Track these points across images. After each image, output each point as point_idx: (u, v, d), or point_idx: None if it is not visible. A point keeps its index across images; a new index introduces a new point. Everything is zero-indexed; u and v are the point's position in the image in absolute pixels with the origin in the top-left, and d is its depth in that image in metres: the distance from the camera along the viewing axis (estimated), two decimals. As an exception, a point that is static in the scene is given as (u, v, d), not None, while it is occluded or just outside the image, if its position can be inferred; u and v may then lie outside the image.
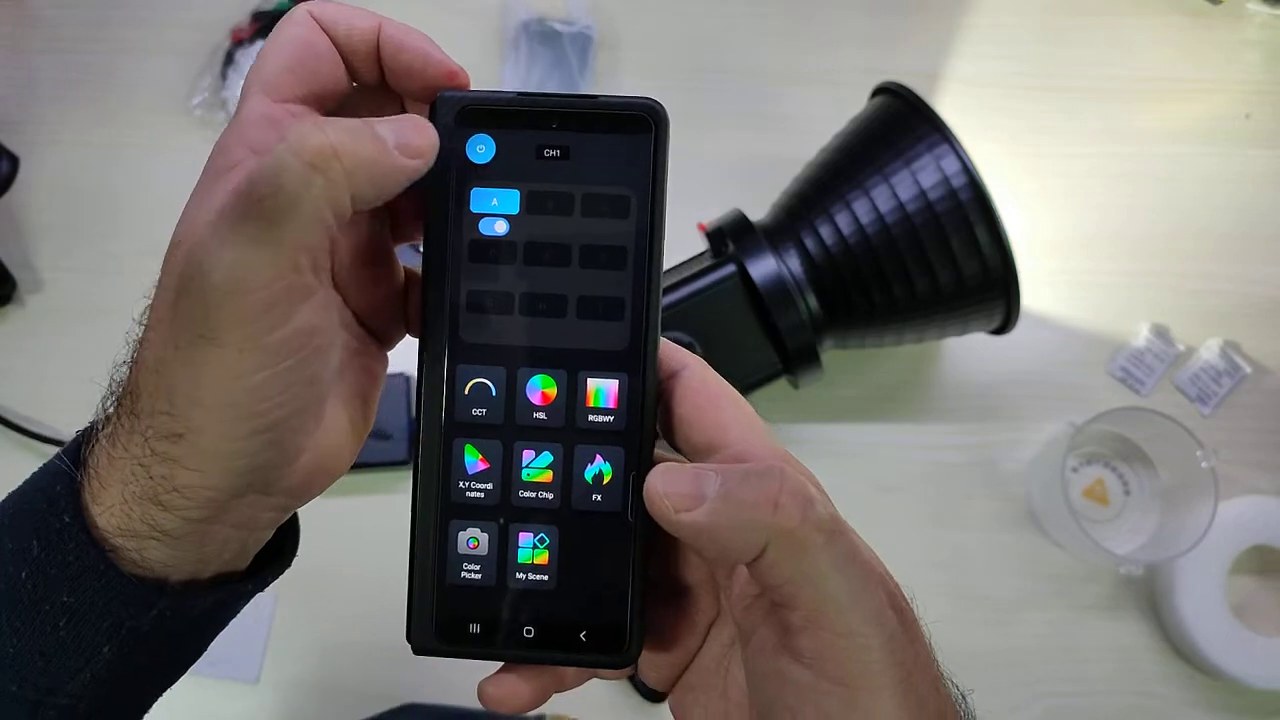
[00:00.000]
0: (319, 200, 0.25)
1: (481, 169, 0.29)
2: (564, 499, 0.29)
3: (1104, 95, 0.79)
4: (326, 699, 0.67)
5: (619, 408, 0.29)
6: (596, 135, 0.29)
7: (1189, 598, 0.67)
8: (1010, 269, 0.59)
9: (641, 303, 0.29)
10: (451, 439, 0.29)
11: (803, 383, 0.64)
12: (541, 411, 0.29)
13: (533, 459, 0.29)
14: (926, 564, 0.70)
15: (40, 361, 0.72)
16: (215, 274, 0.25)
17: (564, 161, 0.29)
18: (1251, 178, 0.78)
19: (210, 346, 0.25)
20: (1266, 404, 0.73)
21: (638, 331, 0.29)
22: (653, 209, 0.29)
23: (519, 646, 0.30)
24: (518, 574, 0.29)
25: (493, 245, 0.29)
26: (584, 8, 0.77)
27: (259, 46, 0.74)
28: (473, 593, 0.30)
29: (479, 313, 0.29)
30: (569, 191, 0.29)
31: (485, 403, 0.29)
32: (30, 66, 0.78)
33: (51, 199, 0.75)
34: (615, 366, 0.29)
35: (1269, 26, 0.82)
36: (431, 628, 0.30)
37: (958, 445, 0.72)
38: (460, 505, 0.30)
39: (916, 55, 0.80)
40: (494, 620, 0.30)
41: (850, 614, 0.25)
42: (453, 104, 0.28)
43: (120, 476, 0.28)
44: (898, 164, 0.59)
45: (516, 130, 0.29)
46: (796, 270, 0.61)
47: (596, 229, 0.29)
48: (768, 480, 0.25)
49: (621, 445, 0.29)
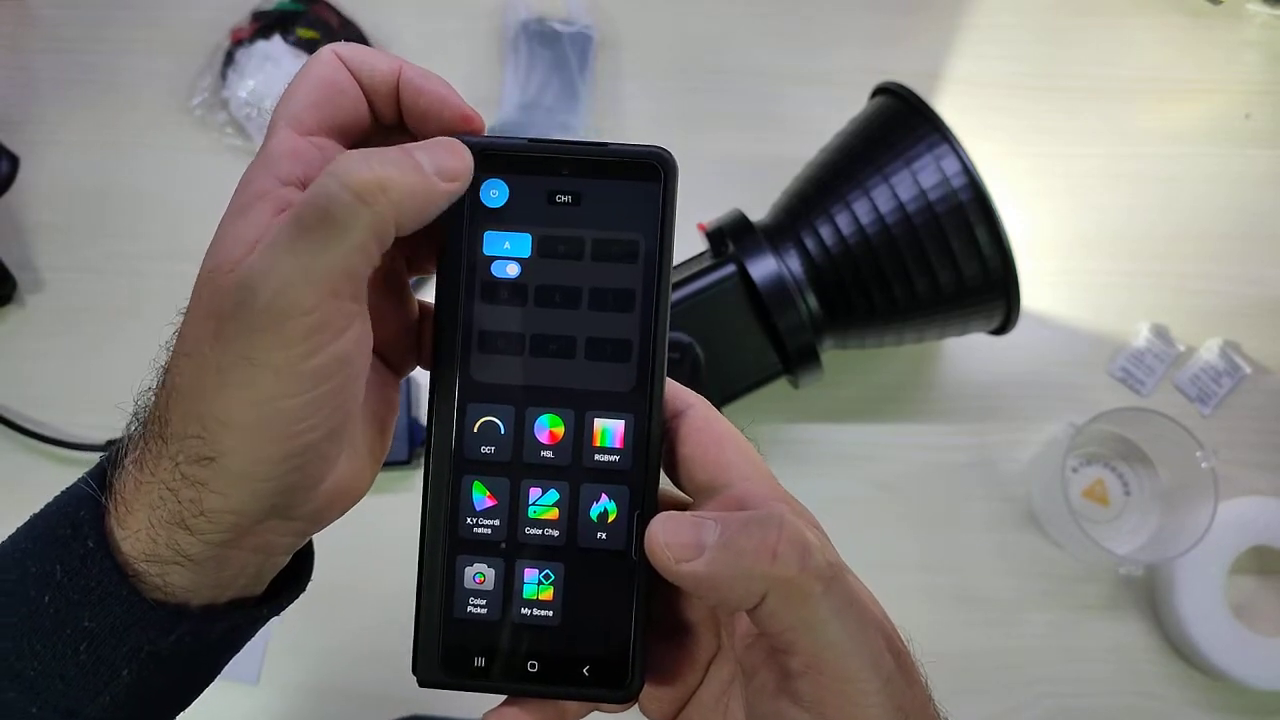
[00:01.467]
0: (366, 231, 0.26)
1: (495, 213, 0.29)
2: (569, 536, 0.30)
3: (1104, 95, 0.79)
4: (327, 700, 0.67)
5: (624, 447, 0.30)
6: (607, 182, 0.29)
7: (1189, 598, 0.67)
8: (1010, 269, 0.59)
9: (649, 345, 0.30)
10: (460, 475, 0.30)
11: (803, 383, 0.64)
12: (549, 450, 0.30)
13: (540, 497, 0.30)
14: (926, 564, 0.70)
15: (40, 361, 0.72)
16: (263, 298, 0.26)
17: (575, 207, 0.29)
18: (1251, 178, 0.78)
19: (250, 368, 0.26)
20: (1266, 404, 0.73)
21: (644, 373, 0.30)
22: (661, 254, 0.29)
23: (523, 680, 0.30)
24: (523, 609, 0.30)
25: (504, 287, 0.29)
26: (584, 8, 0.77)
27: (259, 46, 0.75)
28: (478, 627, 0.30)
29: (489, 353, 0.30)
30: (580, 236, 0.29)
31: (494, 440, 0.30)
32: (30, 66, 0.78)
33: (51, 199, 0.75)
34: (622, 407, 0.30)
35: (1269, 26, 0.82)
36: (437, 660, 0.31)
37: (958, 445, 0.72)
38: (467, 541, 0.30)
39: (916, 55, 0.80)
40: (498, 654, 0.30)
41: (849, 660, 0.25)
42: (470, 148, 0.29)
43: (147, 501, 0.28)
44: (898, 164, 0.59)
45: (529, 176, 0.29)
46: (796, 270, 0.61)
47: (606, 273, 0.29)
48: (766, 528, 0.26)
49: (626, 484, 0.30)
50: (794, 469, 0.71)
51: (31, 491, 0.77)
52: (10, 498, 0.70)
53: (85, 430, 0.70)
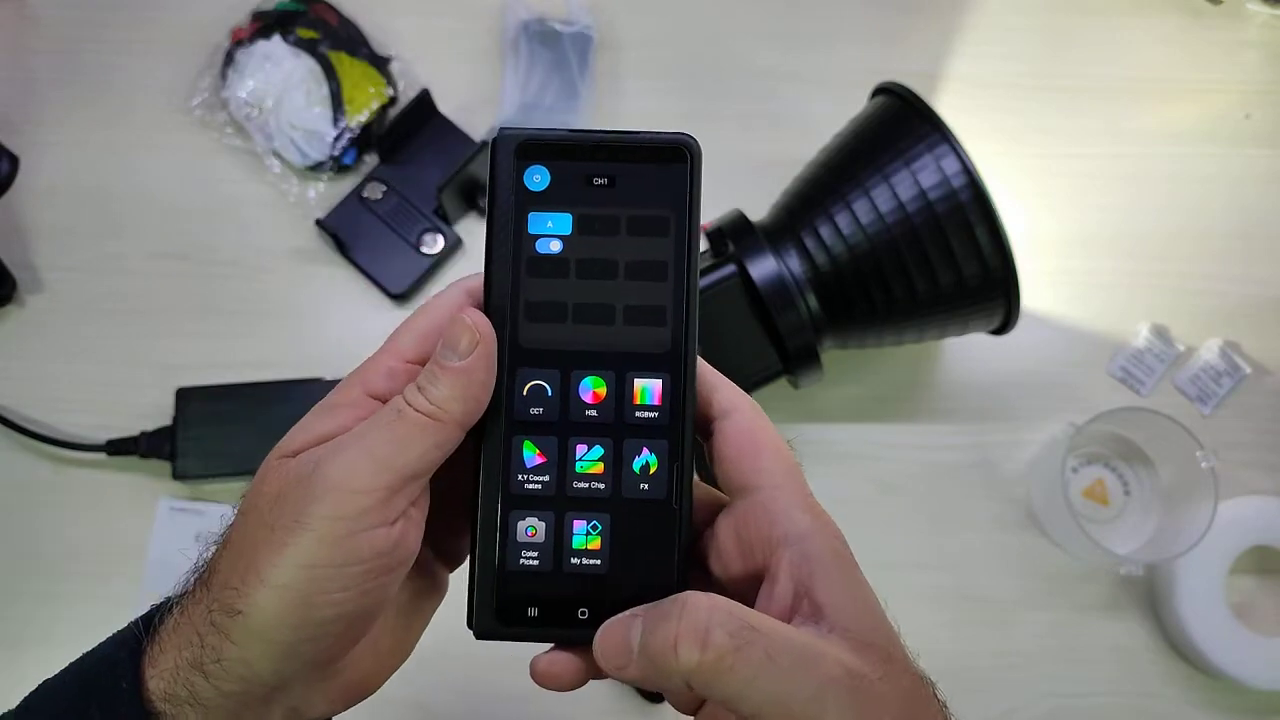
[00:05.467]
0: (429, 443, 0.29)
1: (538, 195, 0.32)
2: (614, 489, 0.32)
3: (1104, 95, 0.79)
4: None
5: (663, 404, 0.32)
6: (640, 165, 0.32)
7: (1189, 598, 0.67)
8: (1010, 269, 0.59)
9: (681, 309, 0.32)
10: (512, 436, 0.32)
11: (803, 383, 0.64)
12: (593, 409, 0.32)
13: (586, 453, 0.32)
14: (926, 565, 0.70)
15: (40, 361, 0.72)
16: (326, 472, 0.28)
17: (611, 188, 0.32)
18: (1251, 178, 0.78)
19: (298, 530, 0.28)
20: (1266, 404, 0.73)
21: (678, 335, 0.32)
22: (690, 228, 0.32)
23: (574, 626, 0.32)
24: (573, 559, 0.32)
25: (548, 261, 0.32)
26: (584, 8, 0.77)
27: (259, 46, 0.75)
28: (531, 578, 0.32)
29: (536, 321, 0.32)
30: (616, 214, 0.32)
31: (542, 402, 0.32)
32: (30, 66, 0.78)
33: (51, 199, 0.75)
34: (659, 367, 0.32)
35: (1269, 26, 0.82)
36: (492, 612, 0.32)
37: (958, 445, 0.72)
38: (520, 496, 0.32)
39: (916, 55, 0.80)
40: (551, 603, 0.32)
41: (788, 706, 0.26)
42: (511, 139, 0.32)
43: (178, 643, 0.30)
44: (898, 164, 0.59)
45: (568, 161, 0.32)
46: (796, 270, 0.61)
47: (640, 246, 0.32)
48: (668, 623, 0.27)
49: (665, 438, 0.32)
50: (794, 469, 0.71)
51: (32, 491, 0.77)
52: (10, 498, 0.70)
53: (85, 430, 0.70)
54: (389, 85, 0.75)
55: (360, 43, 0.77)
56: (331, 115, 0.73)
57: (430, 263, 0.73)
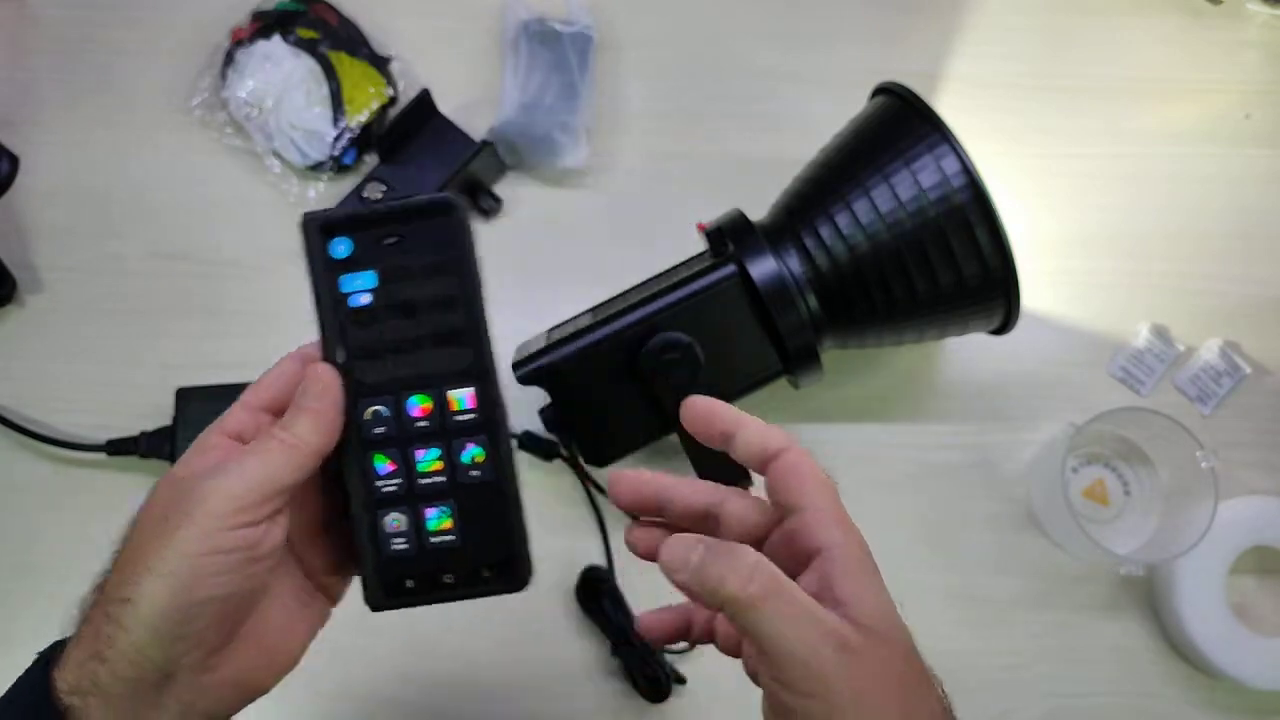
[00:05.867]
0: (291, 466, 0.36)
1: (344, 261, 0.39)
2: (453, 479, 0.40)
3: (1104, 95, 0.79)
4: (325, 700, 0.67)
5: (477, 407, 0.39)
6: (419, 222, 0.39)
7: (1189, 598, 0.67)
8: (1010, 269, 0.59)
9: (477, 330, 0.39)
10: (366, 453, 0.39)
11: (803, 383, 0.64)
12: (423, 421, 0.39)
13: (424, 455, 0.40)
14: (926, 564, 0.70)
15: (40, 361, 0.72)
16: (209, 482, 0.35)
17: (401, 244, 0.39)
18: (1251, 178, 0.78)
19: (182, 526, 0.34)
20: (1266, 404, 0.73)
21: (479, 351, 0.39)
22: (470, 264, 0.39)
23: (444, 589, 0.40)
24: (431, 539, 0.40)
25: (364, 311, 0.39)
26: (584, 8, 0.77)
27: (259, 46, 0.75)
28: (403, 559, 0.40)
29: (365, 359, 0.39)
30: (408, 264, 0.39)
31: (383, 423, 0.39)
32: (30, 66, 0.78)
33: (51, 199, 0.75)
34: (467, 379, 0.39)
35: (1269, 26, 0.82)
36: (380, 591, 0.40)
37: (958, 445, 0.72)
38: (382, 498, 0.40)
39: (916, 55, 0.80)
40: (422, 575, 0.40)
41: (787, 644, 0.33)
42: (314, 221, 0.39)
43: (80, 643, 0.35)
44: (898, 164, 0.59)
45: (363, 230, 0.39)
46: (796, 270, 0.61)
47: (433, 285, 0.39)
48: (721, 559, 0.35)
49: (484, 432, 0.40)
50: (794, 469, 0.71)
51: (31, 491, 0.77)
52: (10, 498, 0.70)
53: (85, 430, 0.70)
54: (389, 85, 0.75)
55: (360, 43, 0.77)
56: (331, 115, 0.73)
57: (430, 263, 0.73)
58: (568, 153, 0.74)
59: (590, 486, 0.70)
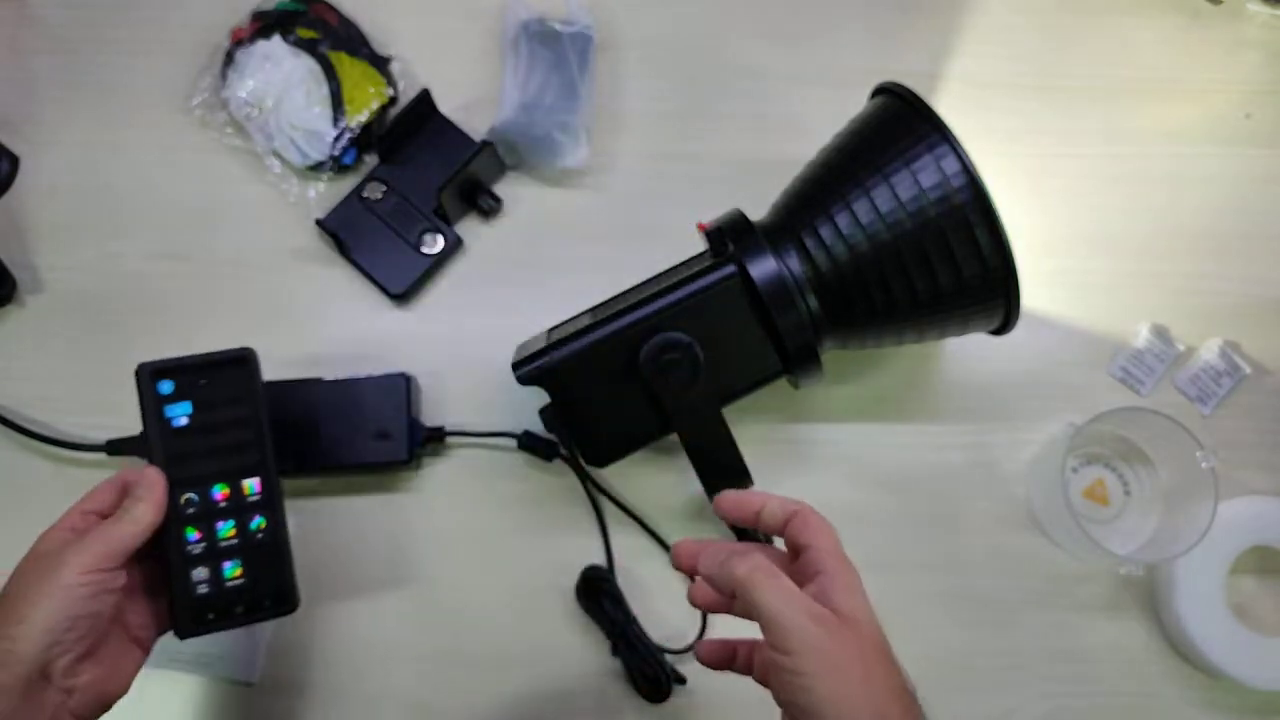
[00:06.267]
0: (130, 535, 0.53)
1: (169, 396, 0.56)
2: (244, 541, 0.57)
3: (1104, 95, 0.79)
4: (325, 699, 0.67)
5: (262, 490, 0.58)
6: (222, 368, 0.57)
7: (1189, 598, 0.67)
8: (1010, 269, 0.59)
9: (262, 440, 0.57)
10: (182, 525, 0.56)
11: (803, 383, 0.64)
12: (224, 502, 0.57)
13: (223, 526, 0.57)
14: (926, 564, 0.70)
15: (40, 362, 0.72)
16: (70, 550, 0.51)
17: (209, 384, 0.57)
18: (1251, 178, 0.78)
19: (60, 569, 0.50)
20: (1266, 404, 0.73)
21: (263, 454, 0.58)
22: (258, 396, 0.58)
23: (236, 617, 0.57)
24: (228, 583, 0.57)
25: (182, 429, 0.56)
26: (584, 8, 0.77)
27: (259, 46, 0.75)
28: (206, 599, 0.56)
29: (182, 461, 0.56)
30: (213, 397, 0.57)
31: (193, 505, 0.56)
32: (30, 66, 0.78)
33: (51, 199, 0.75)
34: (255, 471, 0.57)
35: (1269, 26, 0.82)
36: (188, 620, 0.56)
37: (958, 445, 0.72)
38: (191, 556, 0.56)
39: (916, 55, 0.80)
40: (220, 608, 0.56)
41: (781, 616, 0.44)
42: (147, 369, 0.56)
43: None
44: (898, 164, 0.59)
45: (183, 374, 0.57)
46: (796, 270, 0.61)
47: (231, 410, 0.57)
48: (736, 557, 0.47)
49: (268, 509, 0.58)
50: (794, 469, 0.71)
51: (31, 491, 0.77)
52: (10, 498, 0.70)
53: (85, 430, 0.70)
54: (389, 85, 0.75)
55: (360, 43, 0.77)
56: (331, 115, 0.73)
57: (430, 262, 0.73)
58: (568, 153, 0.74)
59: (590, 486, 0.70)
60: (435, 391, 0.72)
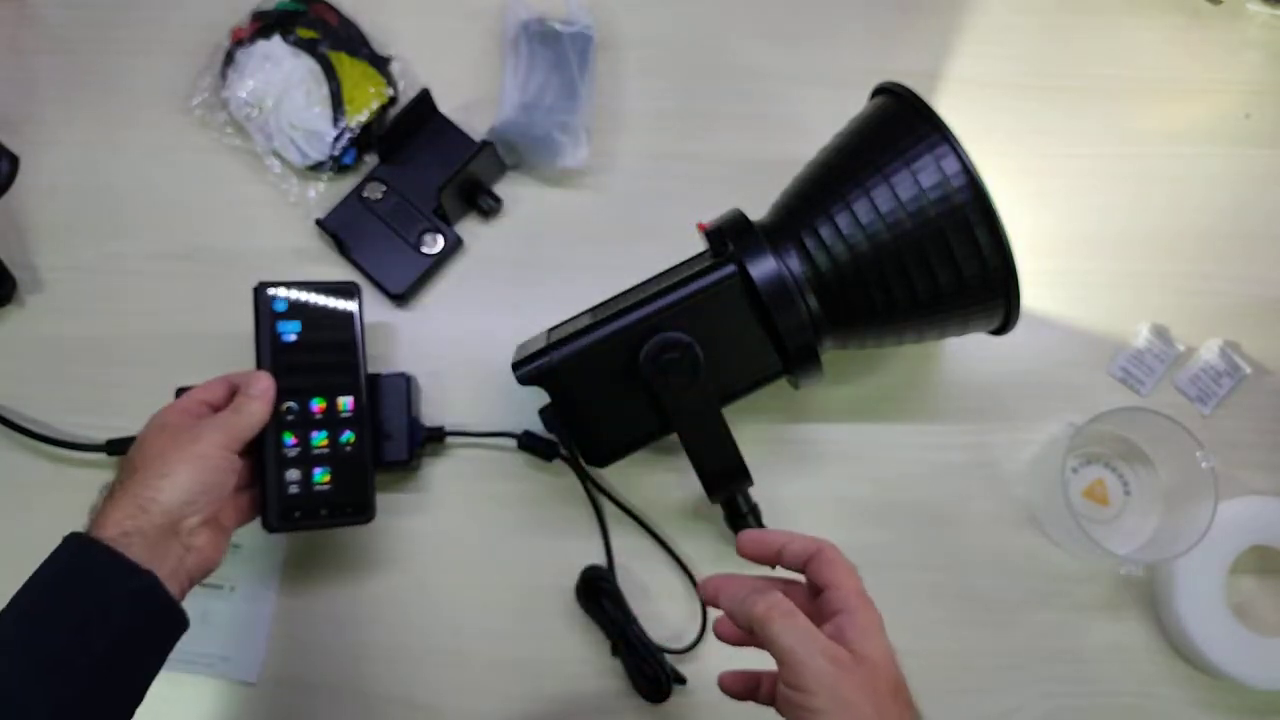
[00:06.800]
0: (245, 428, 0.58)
1: (282, 313, 0.62)
2: (334, 451, 0.62)
3: (1104, 95, 0.80)
4: (325, 699, 0.67)
5: (354, 409, 0.63)
6: (330, 295, 0.64)
7: (1189, 598, 0.67)
8: (1010, 269, 0.59)
9: (357, 359, 0.64)
10: (280, 430, 0.61)
11: (803, 383, 0.64)
12: (320, 414, 0.62)
13: (316, 435, 0.62)
14: (926, 564, 0.70)
15: (40, 362, 0.72)
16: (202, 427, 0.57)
17: (316, 309, 0.63)
18: (1251, 178, 0.78)
19: (197, 442, 0.56)
20: (1266, 404, 0.73)
21: (356, 375, 0.63)
22: (358, 324, 0.64)
23: (320, 519, 0.62)
24: (315, 487, 0.61)
25: (290, 345, 0.62)
26: (584, 8, 0.77)
27: (259, 46, 0.75)
28: (295, 497, 0.61)
29: (287, 374, 0.61)
30: (320, 319, 0.63)
31: (293, 413, 0.62)
32: (30, 66, 0.78)
33: (51, 199, 0.75)
34: (349, 391, 0.63)
35: (1269, 26, 0.82)
36: (278, 516, 0.61)
37: (958, 445, 0.72)
38: (286, 459, 0.61)
39: (916, 55, 0.80)
40: (307, 509, 0.61)
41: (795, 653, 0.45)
42: (266, 287, 0.63)
43: (115, 511, 0.53)
44: (898, 164, 0.59)
45: (296, 295, 0.63)
46: (796, 270, 0.61)
47: (333, 333, 0.64)
48: (756, 595, 0.47)
49: (358, 424, 0.63)
50: (794, 469, 0.71)
51: (32, 491, 0.77)
52: (10, 498, 0.70)
53: (85, 430, 0.70)
54: (389, 85, 0.75)
55: (360, 43, 0.77)
56: (331, 115, 0.73)
57: (430, 262, 0.73)
58: (568, 153, 0.74)
59: (590, 486, 0.70)
60: (435, 391, 0.72)
